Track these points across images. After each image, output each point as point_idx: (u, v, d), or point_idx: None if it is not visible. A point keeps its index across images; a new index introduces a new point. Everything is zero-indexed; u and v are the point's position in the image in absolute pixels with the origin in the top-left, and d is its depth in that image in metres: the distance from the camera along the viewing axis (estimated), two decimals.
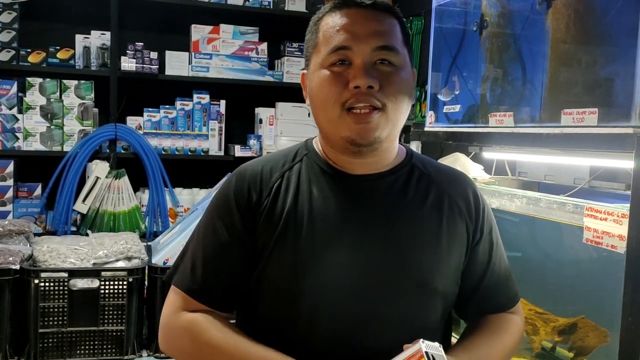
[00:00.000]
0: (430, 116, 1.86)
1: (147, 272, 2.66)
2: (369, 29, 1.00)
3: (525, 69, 1.48)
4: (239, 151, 3.46)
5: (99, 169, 3.18)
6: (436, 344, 0.93)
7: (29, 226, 2.82)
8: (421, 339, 0.92)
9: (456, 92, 1.76)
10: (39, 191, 3.26)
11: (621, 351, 1.13)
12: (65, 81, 3.24)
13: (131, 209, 3.25)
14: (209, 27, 3.49)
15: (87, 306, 2.53)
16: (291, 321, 1.01)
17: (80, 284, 2.52)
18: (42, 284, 2.47)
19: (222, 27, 3.51)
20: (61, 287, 2.49)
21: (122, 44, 3.34)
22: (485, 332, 1.10)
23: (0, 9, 3.14)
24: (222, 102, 3.53)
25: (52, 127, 3.21)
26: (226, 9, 3.48)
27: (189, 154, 3.43)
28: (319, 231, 1.01)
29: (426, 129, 1.87)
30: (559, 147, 1.36)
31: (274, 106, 3.61)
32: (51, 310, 2.49)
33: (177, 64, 3.41)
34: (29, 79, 3.18)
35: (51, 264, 2.53)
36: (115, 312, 2.55)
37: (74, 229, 3.18)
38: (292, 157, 1.10)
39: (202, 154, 3.46)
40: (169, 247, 2.70)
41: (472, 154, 1.93)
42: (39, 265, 2.53)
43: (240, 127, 3.70)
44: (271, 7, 3.56)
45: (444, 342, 1.09)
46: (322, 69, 1.01)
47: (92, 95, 3.28)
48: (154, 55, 3.32)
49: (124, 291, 2.55)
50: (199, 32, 3.48)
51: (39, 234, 3.01)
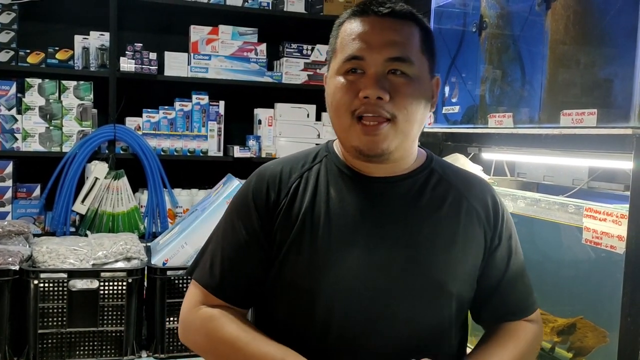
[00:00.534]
0: (429, 117, 1.86)
1: (146, 272, 2.65)
2: (383, 38, 1.00)
3: (524, 70, 1.49)
4: (237, 152, 3.46)
5: (98, 169, 3.18)
6: None
7: (28, 227, 2.82)
8: None
9: (453, 97, 1.76)
10: (37, 192, 3.25)
11: (620, 351, 1.14)
12: (64, 82, 3.24)
13: (130, 210, 3.25)
14: (208, 28, 3.49)
15: (87, 307, 2.52)
16: (306, 320, 1.02)
17: (79, 284, 2.51)
18: (41, 285, 2.46)
19: (221, 28, 3.51)
20: (60, 288, 2.49)
21: (121, 44, 3.34)
22: (499, 340, 1.09)
23: None
24: (221, 103, 3.53)
25: (51, 127, 3.20)
26: (225, 10, 3.48)
27: (188, 154, 3.43)
28: (335, 232, 1.02)
29: (425, 130, 1.87)
30: (558, 148, 1.36)
31: (272, 107, 3.61)
32: (50, 311, 2.48)
33: (176, 65, 3.41)
34: (28, 80, 3.18)
35: (50, 264, 2.53)
36: (114, 313, 2.55)
37: (72, 229, 3.18)
38: (313, 158, 1.12)
39: (201, 154, 3.46)
40: (168, 248, 2.70)
41: (471, 155, 1.93)
42: (38, 266, 2.53)
43: (239, 127, 3.70)
44: (270, 8, 3.56)
45: (459, 347, 1.10)
46: (338, 76, 1.02)
47: (91, 95, 3.28)
48: (153, 56, 3.32)
49: (124, 292, 2.55)
50: (198, 33, 3.48)
51: (38, 235, 3.01)
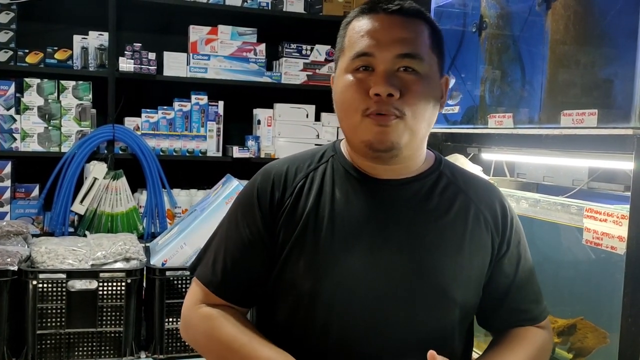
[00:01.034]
0: None
1: (145, 273, 2.65)
2: (393, 35, 0.99)
3: (524, 70, 1.49)
4: (237, 152, 3.45)
5: (97, 169, 3.17)
6: None
7: (26, 227, 2.81)
8: None
9: (459, 95, 1.76)
10: (36, 192, 3.24)
11: (621, 352, 1.14)
12: (63, 82, 3.23)
13: (129, 210, 3.24)
14: (207, 28, 3.49)
15: (86, 307, 2.52)
16: (306, 322, 1.02)
17: (78, 285, 2.51)
18: (40, 285, 2.46)
19: (221, 28, 3.50)
20: (59, 289, 2.48)
21: (120, 44, 3.33)
22: (509, 345, 1.07)
23: None
24: (220, 103, 3.52)
25: (49, 127, 3.20)
26: (224, 10, 3.48)
27: (187, 154, 3.43)
28: (338, 233, 1.01)
29: None
30: (559, 148, 1.36)
31: (272, 107, 3.61)
32: (49, 311, 2.48)
33: (175, 65, 3.40)
34: (27, 80, 3.17)
35: (49, 265, 2.53)
36: (113, 314, 2.55)
37: (71, 230, 3.17)
38: (319, 157, 1.11)
39: (200, 155, 3.45)
40: (167, 249, 2.70)
41: (471, 155, 1.93)
42: (37, 266, 2.53)
43: (238, 128, 3.70)
44: (269, 8, 3.56)
45: (463, 354, 1.09)
46: (346, 74, 1.01)
47: (90, 95, 3.27)
48: (152, 56, 3.31)
49: (122, 292, 2.55)
50: (197, 33, 3.47)
51: (37, 235, 3.00)
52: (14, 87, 3.14)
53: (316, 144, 3.55)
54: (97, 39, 3.32)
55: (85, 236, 2.99)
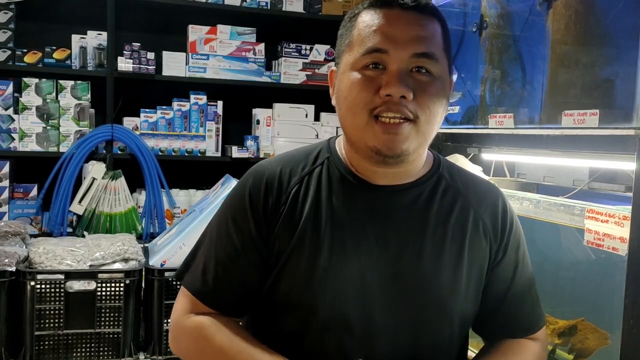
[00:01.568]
0: None
1: (144, 274, 2.64)
2: (410, 33, 0.93)
3: (525, 70, 1.48)
4: (236, 152, 3.44)
5: (95, 170, 3.16)
6: None
7: (25, 227, 2.80)
8: None
9: (458, 95, 1.75)
10: (34, 192, 3.24)
11: (622, 354, 1.13)
12: (61, 81, 3.22)
13: (128, 210, 3.23)
14: (206, 28, 3.48)
15: (84, 308, 2.51)
16: (302, 335, 0.99)
17: (76, 286, 2.50)
18: (38, 286, 2.45)
19: (220, 27, 3.49)
20: (57, 289, 2.47)
21: (118, 44, 3.32)
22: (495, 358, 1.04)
23: None
24: (219, 103, 3.51)
25: (48, 127, 3.18)
26: (223, 10, 3.47)
27: (186, 155, 3.42)
28: (336, 244, 0.97)
29: None
30: (560, 149, 1.36)
31: (271, 107, 3.60)
32: (47, 312, 2.47)
33: (174, 65, 3.39)
34: (25, 79, 3.16)
35: (47, 265, 2.52)
36: (112, 314, 2.54)
37: (70, 230, 3.16)
38: (313, 159, 1.05)
39: (199, 155, 3.44)
40: (166, 249, 2.68)
41: (471, 155, 1.92)
42: (35, 267, 2.51)
43: (237, 128, 3.69)
44: (269, 7, 3.55)
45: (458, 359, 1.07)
46: (354, 71, 0.94)
47: (89, 95, 3.26)
48: (151, 55, 3.30)
49: (121, 293, 2.54)
50: (196, 32, 3.46)
51: (35, 235, 2.99)
52: (12, 87, 3.13)
53: None
54: (95, 39, 3.31)
55: (83, 236, 2.97)
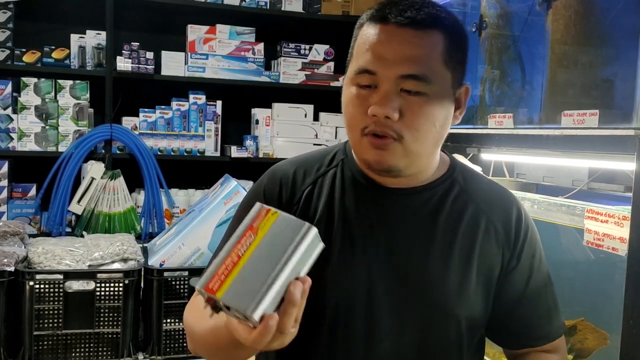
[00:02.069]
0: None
1: (143, 274, 2.63)
2: (399, 53, 0.91)
3: (524, 70, 1.48)
4: (235, 152, 3.44)
5: (94, 169, 3.16)
6: None
7: (23, 227, 2.79)
8: None
9: None
10: (33, 192, 3.23)
11: (622, 354, 1.13)
12: (60, 81, 3.21)
13: (126, 210, 3.23)
14: (205, 27, 3.47)
15: (83, 308, 2.50)
16: (310, 332, 0.99)
17: (75, 286, 2.49)
18: (37, 286, 2.44)
19: (219, 27, 3.49)
20: (56, 289, 2.47)
21: (117, 43, 3.31)
22: None
23: None
24: (219, 103, 3.51)
25: (47, 127, 3.18)
26: (222, 9, 3.46)
27: (185, 154, 3.42)
28: (347, 244, 0.99)
29: None
30: (559, 149, 1.36)
31: (270, 107, 3.59)
32: (46, 312, 2.46)
33: (173, 64, 3.39)
34: (24, 79, 3.15)
35: (46, 265, 2.51)
36: (111, 315, 2.53)
37: (68, 230, 3.16)
38: (329, 161, 1.07)
39: (198, 154, 3.44)
40: (165, 249, 2.68)
41: (471, 156, 1.92)
42: (34, 267, 2.51)
43: (236, 127, 3.69)
44: (268, 7, 3.54)
45: None
46: (352, 85, 0.97)
47: (88, 95, 3.26)
48: (150, 55, 3.30)
49: (120, 293, 2.53)
50: (195, 32, 3.46)
51: (34, 235, 2.98)
52: (11, 87, 3.12)
53: (315, 144, 3.54)
54: (94, 38, 3.30)
55: (82, 236, 2.97)
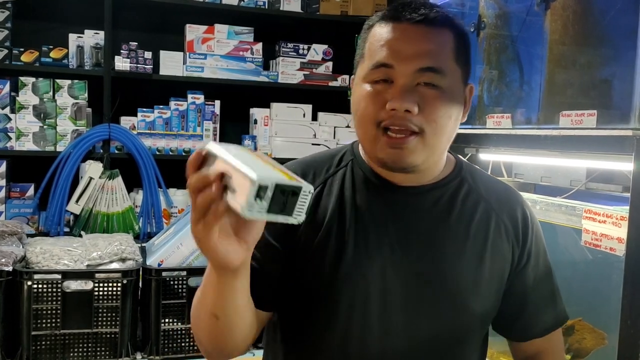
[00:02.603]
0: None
1: (141, 273, 2.63)
2: (415, 48, 0.94)
3: (522, 71, 1.48)
4: None
5: (93, 169, 3.15)
6: None
7: (21, 227, 2.79)
8: None
9: None
10: (31, 192, 3.22)
11: (620, 354, 1.13)
12: (58, 81, 3.21)
13: (125, 210, 3.23)
14: (204, 27, 3.47)
15: (81, 308, 2.50)
16: (324, 332, 1.00)
17: (73, 285, 2.49)
18: (35, 286, 2.44)
19: (217, 27, 3.49)
20: (54, 289, 2.46)
21: (116, 43, 3.31)
22: None
23: None
24: (217, 103, 3.50)
25: (45, 127, 3.17)
26: (221, 9, 3.46)
27: (183, 154, 3.41)
28: (360, 242, 0.99)
29: None
30: (558, 149, 1.36)
31: (268, 107, 3.59)
32: (44, 312, 2.46)
33: (171, 64, 3.39)
34: (22, 79, 3.15)
35: (44, 265, 2.51)
36: (109, 314, 2.53)
37: (67, 230, 3.16)
38: (338, 161, 1.08)
39: None
40: (163, 249, 2.68)
41: (469, 156, 1.92)
42: (32, 266, 2.51)
43: (234, 127, 3.68)
44: (266, 7, 3.54)
45: None
46: (364, 83, 0.98)
47: (86, 95, 3.25)
48: (148, 55, 3.30)
49: (118, 293, 2.53)
50: (193, 32, 3.45)
51: (32, 235, 2.98)
52: (8, 86, 3.11)
53: (313, 144, 3.54)
54: (92, 38, 3.29)
55: (80, 236, 2.97)
